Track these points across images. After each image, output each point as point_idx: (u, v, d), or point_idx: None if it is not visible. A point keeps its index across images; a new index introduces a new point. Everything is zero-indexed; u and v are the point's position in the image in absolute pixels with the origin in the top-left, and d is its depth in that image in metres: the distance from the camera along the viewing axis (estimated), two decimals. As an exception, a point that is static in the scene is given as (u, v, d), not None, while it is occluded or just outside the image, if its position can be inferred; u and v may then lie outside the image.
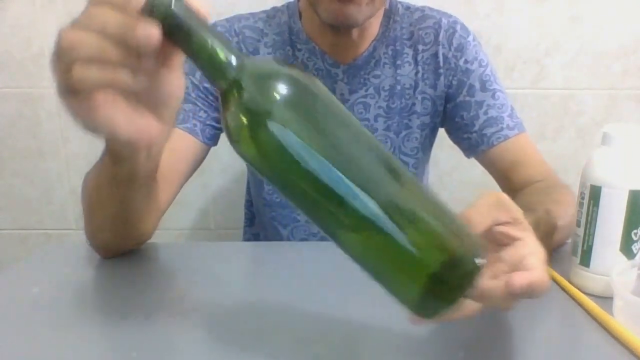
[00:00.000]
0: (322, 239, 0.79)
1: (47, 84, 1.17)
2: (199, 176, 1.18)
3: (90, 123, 0.36)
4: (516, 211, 0.40)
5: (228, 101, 0.34)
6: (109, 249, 0.60)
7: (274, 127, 0.32)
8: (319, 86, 0.34)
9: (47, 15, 1.12)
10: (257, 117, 0.32)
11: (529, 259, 0.38)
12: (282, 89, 0.32)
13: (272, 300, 0.51)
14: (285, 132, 0.32)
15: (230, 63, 0.34)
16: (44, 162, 1.22)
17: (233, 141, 0.34)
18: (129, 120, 0.37)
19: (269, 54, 0.76)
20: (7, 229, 1.28)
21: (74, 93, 0.34)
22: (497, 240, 0.40)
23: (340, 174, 0.32)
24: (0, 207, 1.26)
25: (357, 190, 0.32)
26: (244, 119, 0.33)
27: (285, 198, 0.35)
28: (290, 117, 0.32)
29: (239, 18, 0.77)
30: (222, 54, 0.34)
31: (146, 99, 0.38)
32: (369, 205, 0.32)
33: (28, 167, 1.23)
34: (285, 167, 0.33)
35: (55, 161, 1.22)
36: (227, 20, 0.77)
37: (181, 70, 0.39)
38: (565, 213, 0.58)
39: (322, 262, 0.59)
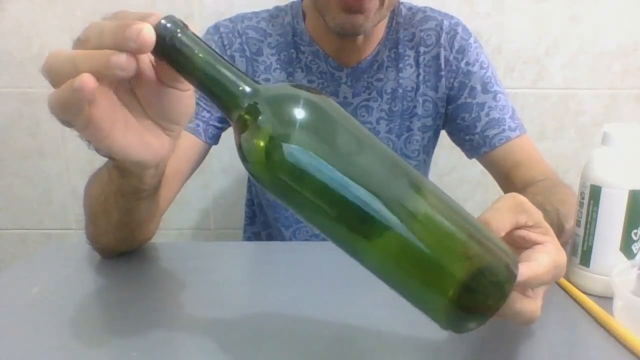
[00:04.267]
0: (324, 239, 0.80)
1: (47, 84, 1.16)
2: (199, 176, 1.18)
3: (104, 149, 0.36)
4: (537, 214, 0.39)
5: (243, 126, 0.33)
6: (110, 251, 0.60)
7: (292, 149, 0.31)
8: (336, 107, 0.34)
9: (47, 15, 1.12)
10: (275, 140, 0.31)
11: (540, 256, 0.37)
12: (299, 112, 0.32)
13: (273, 300, 0.51)
14: (305, 155, 0.31)
15: (243, 91, 0.33)
16: (44, 162, 1.22)
17: (249, 163, 0.33)
18: (141, 141, 0.37)
19: (272, 55, 0.76)
20: (7, 229, 1.28)
21: (65, 123, 0.34)
22: (517, 244, 0.39)
23: (363, 192, 0.31)
24: (0, 207, 1.26)
25: (383, 207, 0.31)
26: (261, 142, 0.31)
27: (304, 219, 0.34)
28: (309, 139, 0.31)
29: (241, 18, 0.77)
30: (234, 83, 0.33)
31: (157, 117, 0.38)
32: (396, 221, 0.31)
33: (28, 167, 1.22)
34: (308, 190, 0.32)
35: (55, 161, 1.22)
36: (230, 20, 0.77)
37: (192, 90, 0.38)
38: (572, 214, 0.58)
39: (323, 263, 0.59)
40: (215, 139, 0.75)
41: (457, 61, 0.76)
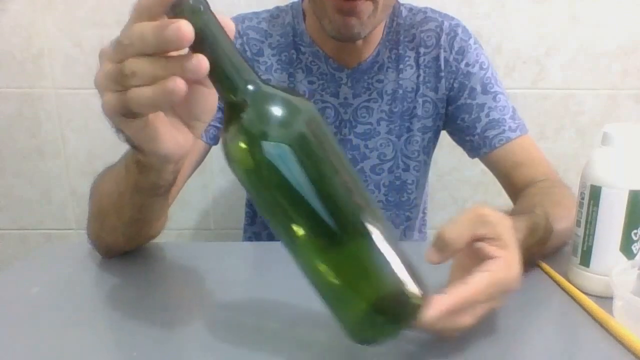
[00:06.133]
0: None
1: (47, 84, 1.17)
2: (199, 176, 1.18)
3: (138, 140, 0.39)
4: (499, 226, 0.40)
5: (230, 121, 0.35)
6: (114, 250, 0.60)
7: (266, 155, 0.33)
8: (318, 120, 0.36)
9: (47, 15, 1.12)
10: (252, 143, 0.34)
11: (475, 275, 0.39)
12: (281, 119, 0.34)
13: (272, 300, 0.51)
14: (276, 164, 0.33)
15: (243, 83, 0.34)
16: (44, 162, 1.22)
17: (228, 160, 0.35)
18: (170, 134, 0.39)
19: (273, 55, 0.76)
20: (7, 229, 1.28)
21: (131, 115, 0.36)
22: (478, 255, 0.41)
23: (316, 208, 0.34)
24: (0, 207, 1.26)
25: (328, 218, 0.34)
26: (241, 142, 0.34)
27: (264, 216, 0.37)
28: (285, 148, 0.33)
29: (242, 18, 0.77)
30: (239, 72, 0.35)
31: (184, 114, 0.40)
32: (334, 233, 0.35)
33: (28, 167, 1.23)
34: (269, 190, 0.35)
35: (55, 161, 1.22)
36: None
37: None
38: (565, 215, 0.58)
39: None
40: (215, 140, 0.75)
41: (457, 62, 0.76)
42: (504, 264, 0.40)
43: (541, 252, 0.56)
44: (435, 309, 0.37)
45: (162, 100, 0.34)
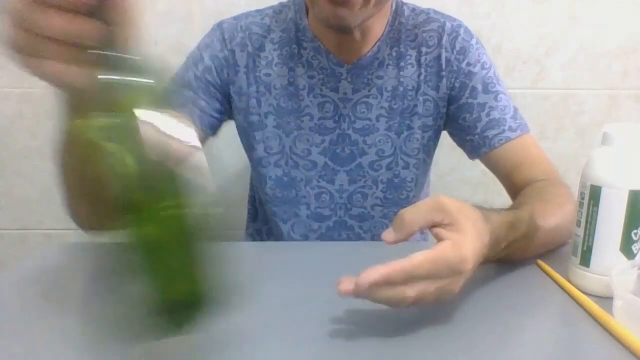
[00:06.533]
0: (322, 236, 0.80)
1: (47, 84, 1.16)
2: (199, 176, 1.17)
3: (42, 74, 0.39)
4: (456, 213, 0.43)
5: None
6: (89, 219, 0.58)
7: (94, 133, 0.35)
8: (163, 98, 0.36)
9: (47, 15, 1.12)
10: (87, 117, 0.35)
11: (416, 254, 0.40)
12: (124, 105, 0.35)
13: (273, 300, 0.51)
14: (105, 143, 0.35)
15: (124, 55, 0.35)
16: (44, 162, 1.22)
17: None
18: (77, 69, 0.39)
19: (274, 50, 0.77)
20: (7, 229, 1.28)
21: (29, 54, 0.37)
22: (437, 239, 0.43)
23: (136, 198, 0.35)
24: (0, 207, 1.26)
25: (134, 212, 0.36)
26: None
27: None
28: (115, 124, 0.34)
29: (245, 15, 0.79)
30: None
31: None
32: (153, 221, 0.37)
33: (28, 167, 1.23)
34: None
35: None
36: (234, 18, 0.79)
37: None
38: (555, 212, 0.58)
39: (323, 262, 0.59)
40: (212, 129, 0.76)
41: (458, 62, 0.76)
42: (452, 244, 0.41)
43: (529, 246, 0.56)
44: (369, 276, 0.39)
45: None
